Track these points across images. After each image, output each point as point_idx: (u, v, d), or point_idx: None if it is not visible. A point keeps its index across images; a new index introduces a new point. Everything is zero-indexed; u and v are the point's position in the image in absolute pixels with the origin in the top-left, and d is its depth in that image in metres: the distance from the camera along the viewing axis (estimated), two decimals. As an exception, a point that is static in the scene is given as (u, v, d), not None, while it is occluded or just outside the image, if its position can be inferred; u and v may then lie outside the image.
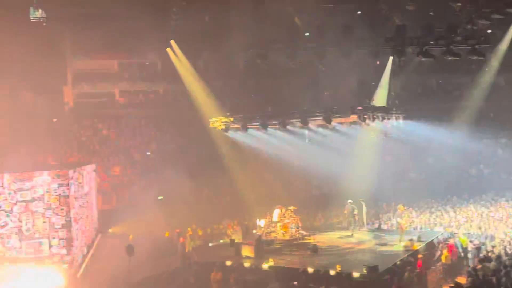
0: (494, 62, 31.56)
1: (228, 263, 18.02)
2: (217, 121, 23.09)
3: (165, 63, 30.08)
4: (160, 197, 25.22)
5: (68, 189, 17.26)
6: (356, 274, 15.75)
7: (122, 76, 33.98)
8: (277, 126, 22.41)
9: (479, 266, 15.43)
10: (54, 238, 17.09)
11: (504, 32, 30.24)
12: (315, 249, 19.25)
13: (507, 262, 15.29)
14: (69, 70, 32.41)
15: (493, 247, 17.85)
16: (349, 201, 22.19)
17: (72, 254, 17.26)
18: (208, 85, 28.41)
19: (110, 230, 23.53)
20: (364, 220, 22.42)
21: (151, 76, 34.05)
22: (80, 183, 19.51)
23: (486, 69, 32.58)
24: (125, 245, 17.16)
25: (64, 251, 17.07)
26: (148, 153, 30.68)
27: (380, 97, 29.04)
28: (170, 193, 23.96)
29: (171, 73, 29.46)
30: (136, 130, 32.28)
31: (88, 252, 20.24)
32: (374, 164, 28.07)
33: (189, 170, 24.41)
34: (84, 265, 18.60)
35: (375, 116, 20.60)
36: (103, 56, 32.41)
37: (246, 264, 17.87)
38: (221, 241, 22.44)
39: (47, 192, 17.19)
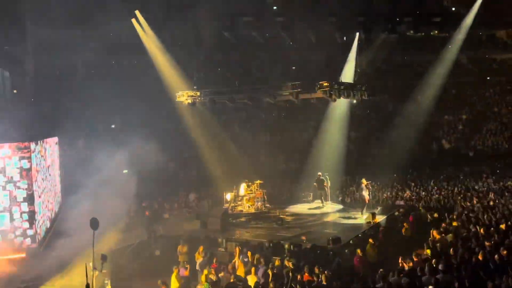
0: (457, 39, 32.25)
1: (194, 236, 18.13)
2: (183, 95, 22.84)
3: (130, 34, 29.41)
4: (125, 171, 24.95)
5: (30, 162, 16.86)
6: (320, 246, 16.12)
7: (85, 48, 33.08)
8: (244, 101, 22.31)
9: (437, 238, 16.00)
10: (16, 211, 16.74)
11: (468, 9, 30.85)
12: (280, 222, 19.54)
13: (464, 235, 15.91)
14: (30, 40, 31.31)
15: (451, 220, 18.47)
16: (319, 173, 22.49)
17: (35, 228, 16.98)
18: (174, 58, 28.01)
19: (74, 204, 23.18)
20: (328, 194, 22.81)
21: (116, 47, 33.25)
22: (42, 156, 19.10)
23: (450, 46, 33.27)
24: (89, 218, 16.98)
25: (26, 224, 16.77)
26: (113, 126, 30.21)
27: (347, 73, 29.32)
28: (136, 167, 23.72)
29: (136, 45, 28.88)
30: (100, 102, 31.62)
31: (51, 226, 19.95)
32: (339, 139, 28.52)
33: (155, 144, 24.16)
34: (47, 239, 18.35)
35: (340, 93, 20.73)
36: (66, 26, 31.40)
37: (213, 237, 18.01)
38: (187, 214, 22.49)
39: (8, 165, 16.76)
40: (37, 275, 14.90)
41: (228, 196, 21.88)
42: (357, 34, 28.86)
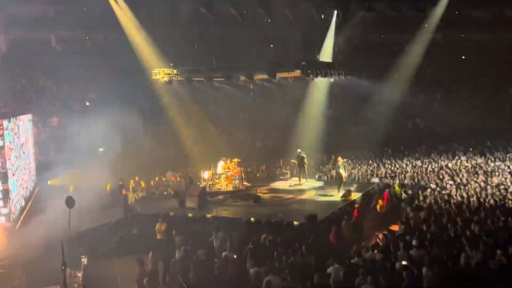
0: (434, 19, 32.47)
1: (172, 214, 18.15)
2: (159, 73, 22.54)
3: (105, 9, 28.78)
4: (101, 149, 24.70)
5: (2, 139, 16.51)
6: (296, 223, 16.33)
7: (59, 23, 32.29)
8: (221, 79, 22.14)
9: (411, 215, 16.36)
10: (-11, 190, 16.48)
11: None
12: (257, 200, 19.68)
13: (436, 211, 16.30)
14: (1, 15, 30.41)
15: (424, 197, 18.88)
16: (298, 150, 22.64)
17: (9, 207, 16.75)
18: (150, 34, 27.56)
19: (48, 182, 22.92)
20: (306, 172, 23.02)
21: (90, 23, 32.52)
22: (15, 133, 18.74)
23: (426, 25, 33.49)
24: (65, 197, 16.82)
25: (0, 203, 16.53)
26: (87, 103, 29.73)
27: (325, 52, 29.33)
28: (111, 145, 23.50)
29: (111, 20, 28.30)
30: (75, 79, 31.08)
31: (26, 204, 19.71)
32: (316, 117, 28.66)
33: (131, 122, 23.92)
34: (22, 218, 18.14)
35: (318, 72, 20.76)
36: (39, 0, 30.58)
37: (190, 215, 18.06)
38: (165, 193, 22.44)
39: (-20, 142, 16.42)
40: (12, 254, 14.76)
41: (206, 174, 21.86)
42: (335, 12, 28.85)
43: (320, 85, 27.24)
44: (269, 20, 35.16)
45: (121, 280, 14.38)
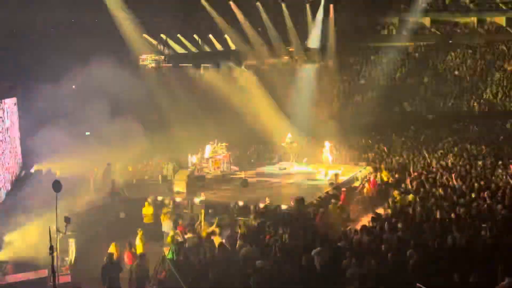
0: (421, 2, 32.46)
1: (160, 198, 18.13)
2: (147, 59, 22.31)
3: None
4: (87, 133, 24.47)
5: (-13, 123, 16.34)
6: (284, 206, 16.42)
7: (44, 3, 31.62)
8: (210, 65, 21.99)
9: (397, 198, 16.51)
10: (-26, 174, 16.31)
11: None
12: (245, 184, 19.72)
13: (422, 195, 16.46)
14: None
15: (411, 181, 19.03)
16: (288, 135, 22.69)
17: (-5, 191, 16.64)
18: (137, 17, 27.09)
19: (35, 166, 22.72)
20: (295, 155, 23.10)
21: (74, 4, 31.86)
22: (0, 117, 18.50)
23: (414, 9, 33.52)
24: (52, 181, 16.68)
25: (-15, 188, 16.40)
26: (74, 86, 29.32)
27: (313, 36, 29.21)
28: (98, 129, 23.30)
29: (97, 1, 27.80)
30: (59, 62, 30.53)
31: (12, 188, 19.54)
32: (305, 102, 28.66)
33: (118, 106, 23.72)
34: (9, 202, 17.99)
35: (306, 58, 20.86)
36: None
37: (178, 199, 18.06)
38: (152, 177, 22.39)
39: (-36, 126, 16.20)
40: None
41: (194, 158, 21.83)
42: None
43: (308, 70, 27.20)
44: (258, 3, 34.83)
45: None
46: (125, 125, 24.65)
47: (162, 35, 26.56)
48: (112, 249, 13.08)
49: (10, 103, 21.11)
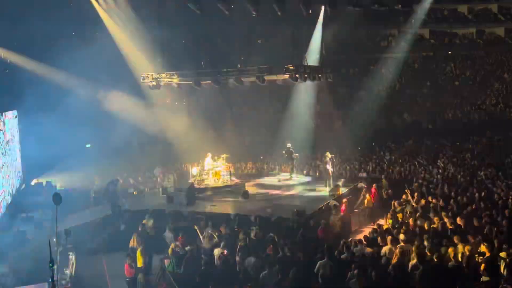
0: (420, 13, 32.67)
1: (160, 210, 18.09)
2: (147, 77, 22.34)
3: (91, 5, 28.37)
4: (88, 145, 24.53)
5: (-13, 136, 16.36)
6: (285, 218, 16.36)
7: (44, 16, 31.76)
8: (210, 82, 21.95)
9: (398, 209, 16.48)
10: (-26, 187, 16.29)
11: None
12: (246, 195, 19.68)
13: (423, 206, 16.39)
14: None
15: (411, 191, 18.96)
16: (288, 145, 22.68)
17: (-5, 204, 16.61)
18: (136, 35, 27.07)
19: (35, 180, 22.75)
20: (295, 166, 23.09)
21: (77, 18, 32.02)
22: (1, 130, 18.54)
23: (412, 20, 33.70)
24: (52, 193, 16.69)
25: (-15, 201, 16.38)
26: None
27: (313, 49, 29.30)
28: (99, 141, 23.34)
29: (98, 16, 27.93)
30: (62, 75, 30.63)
31: (12, 201, 19.52)
32: (305, 113, 28.70)
33: (119, 117, 23.75)
34: (9, 215, 17.95)
35: (306, 76, 20.95)
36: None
37: (178, 211, 18.01)
38: (153, 189, 22.37)
39: (-35, 139, 16.22)
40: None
41: (194, 170, 21.82)
42: (323, 7, 28.86)
43: (308, 84, 27.27)
44: (256, 15, 35.02)
45: (109, 277, 14.34)
46: (126, 136, 24.73)
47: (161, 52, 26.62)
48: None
49: (10, 115, 21.15)
